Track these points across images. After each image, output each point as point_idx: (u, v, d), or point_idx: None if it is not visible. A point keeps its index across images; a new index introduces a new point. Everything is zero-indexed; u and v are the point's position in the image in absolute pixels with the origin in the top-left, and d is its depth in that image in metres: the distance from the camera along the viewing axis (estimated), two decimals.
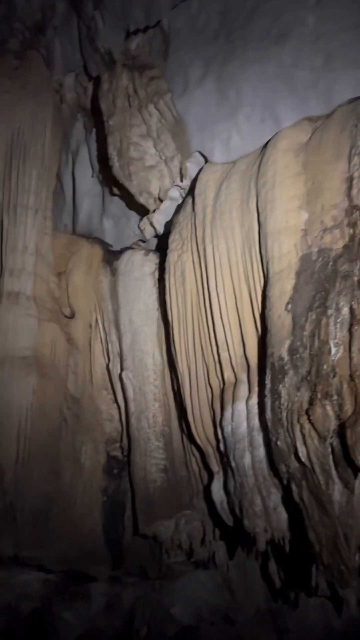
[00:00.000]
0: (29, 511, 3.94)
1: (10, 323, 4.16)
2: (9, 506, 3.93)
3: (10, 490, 3.93)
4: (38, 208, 4.48)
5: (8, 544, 3.90)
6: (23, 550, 3.91)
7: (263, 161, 3.45)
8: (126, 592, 4.50)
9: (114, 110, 4.23)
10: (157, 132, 4.12)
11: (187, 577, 4.31)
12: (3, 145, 4.41)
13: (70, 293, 4.63)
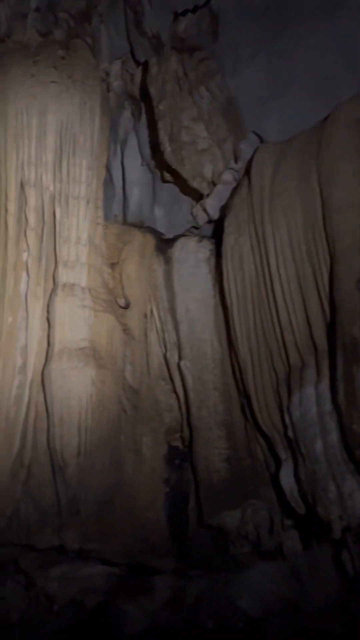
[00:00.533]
0: (93, 503, 3.89)
1: (67, 315, 4.11)
2: (73, 499, 3.89)
3: (73, 483, 3.89)
4: (89, 198, 4.42)
5: (73, 537, 3.86)
6: (88, 542, 3.87)
7: (324, 136, 3.34)
8: (191, 584, 4.40)
9: (163, 95, 4.15)
10: (208, 115, 4.04)
11: (253, 569, 4.19)
12: (52, 136, 4.35)
13: (124, 283, 4.57)
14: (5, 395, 4.05)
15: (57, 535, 3.92)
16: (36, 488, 4.01)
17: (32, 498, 4.02)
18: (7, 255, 4.21)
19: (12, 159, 4.25)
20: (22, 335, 4.17)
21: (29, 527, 3.98)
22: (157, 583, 4.38)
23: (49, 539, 3.93)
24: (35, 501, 4.00)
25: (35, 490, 4.01)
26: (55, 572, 4.29)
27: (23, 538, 3.99)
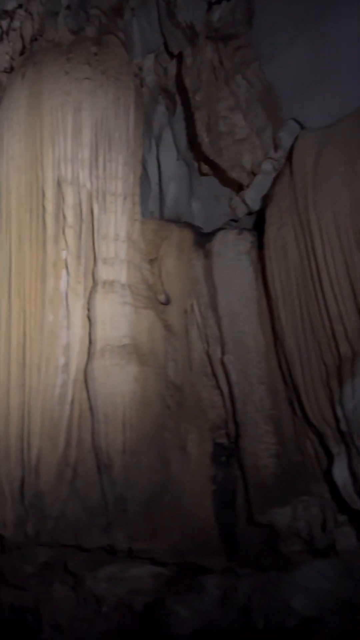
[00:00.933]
0: (140, 502, 3.83)
1: (107, 312, 4.06)
2: (119, 497, 3.84)
3: (119, 481, 3.84)
4: (127, 194, 4.37)
5: (121, 536, 3.81)
6: (136, 542, 3.81)
7: None
8: (241, 584, 4.32)
9: (199, 85, 4.09)
10: (246, 103, 3.96)
11: (306, 567, 4.09)
12: (88, 133, 4.31)
13: (163, 279, 4.51)
14: (48, 395, 4.02)
15: (105, 535, 3.86)
16: (82, 487, 3.96)
17: (79, 498, 3.97)
18: (46, 253, 4.18)
19: (49, 157, 4.22)
20: (64, 333, 4.13)
21: (76, 527, 3.93)
22: (207, 583, 4.31)
23: (97, 539, 3.88)
24: (82, 501, 3.96)
25: (82, 490, 3.96)
26: (103, 573, 4.25)
27: (71, 538, 3.95)
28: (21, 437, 4.01)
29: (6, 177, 4.36)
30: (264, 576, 4.19)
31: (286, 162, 3.82)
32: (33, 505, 3.90)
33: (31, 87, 4.39)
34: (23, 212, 4.26)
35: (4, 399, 4.08)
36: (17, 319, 4.17)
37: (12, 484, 3.96)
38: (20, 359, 4.11)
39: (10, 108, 4.44)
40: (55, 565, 4.27)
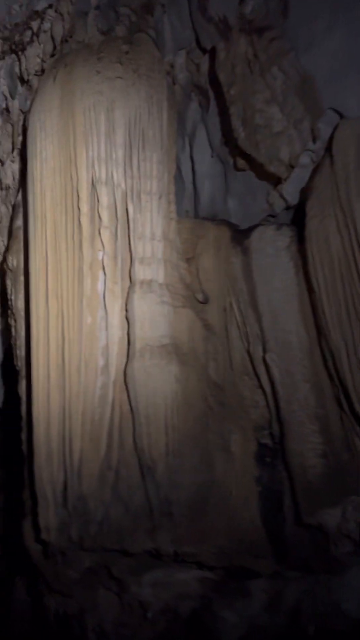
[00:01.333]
0: (185, 504, 3.75)
1: (146, 312, 4.01)
2: (164, 500, 3.76)
3: (163, 483, 3.76)
4: (162, 193, 4.31)
5: (166, 540, 3.74)
6: (182, 545, 3.73)
7: None
8: (289, 587, 4.20)
9: (234, 79, 4.02)
10: (282, 95, 3.88)
11: (357, 569, 3.98)
12: (121, 132, 4.25)
13: (201, 278, 4.44)
14: (89, 397, 3.97)
15: (150, 539, 3.78)
16: (125, 490, 3.90)
17: (122, 501, 3.91)
18: (82, 255, 4.14)
19: (82, 158, 4.18)
20: (103, 335, 4.08)
21: (120, 531, 3.87)
22: (254, 586, 4.21)
23: (142, 543, 3.81)
24: (125, 504, 3.89)
25: (125, 493, 3.90)
26: (148, 578, 4.17)
27: (115, 543, 3.89)
28: (62, 441, 3.96)
29: (40, 179, 4.32)
30: (314, 579, 4.07)
31: (325, 153, 3.73)
32: (76, 509, 3.84)
33: (63, 89, 4.35)
34: (58, 214, 4.22)
35: (44, 401, 4.04)
36: (55, 321, 4.13)
37: (54, 488, 3.91)
38: (60, 361, 4.06)
39: (43, 110, 4.41)
40: (99, 571, 4.20)
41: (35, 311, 4.21)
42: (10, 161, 5.89)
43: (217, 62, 4.09)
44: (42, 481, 3.93)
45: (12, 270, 5.13)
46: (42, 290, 4.20)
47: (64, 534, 3.88)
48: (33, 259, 4.30)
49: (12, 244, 5.19)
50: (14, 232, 5.21)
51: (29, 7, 4.35)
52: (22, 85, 5.04)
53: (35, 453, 4.01)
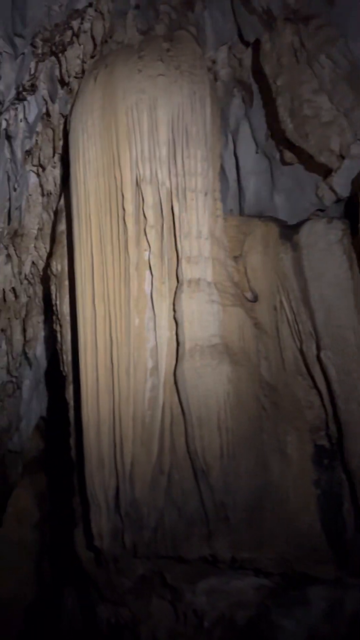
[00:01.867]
0: (241, 509, 3.63)
1: (195, 311, 3.90)
2: (220, 504, 3.64)
3: (218, 487, 3.64)
4: (207, 190, 4.21)
5: (224, 546, 3.61)
6: (240, 551, 3.60)
7: None
8: (350, 594, 4.05)
9: (280, 70, 3.91)
10: (331, 84, 3.76)
11: None
12: (164, 130, 4.18)
13: (249, 276, 4.32)
14: (139, 400, 3.88)
15: (207, 545, 3.66)
16: (179, 495, 3.79)
17: (176, 506, 3.80)
18: (128, 256, 4.06)
19: (126, 158, 4.11)
20: (151, 336, 3.99)
21: (174, 537, 3.76)
22: (314, 594, 4.06)
23: (198, 549, 3.69)
24: (179, 509, 3.79)
25: (178, 498, 3.79)
26: (203, 586, 4.05)
27: (169, 549, 3.77)
28: (113, 445, 3.87)
29: (83, 181, 4.27)
30: None
31: None
32: (129, 515, 3.74)
33: (104, 89, 4.29)
34: (103, 216, 4.15)
35: (93, 405, 3.97)
36: (102, 324, 4.06)
37: (106, 493, 3.82)
38: (108, 364, 3.99)
39: (84, 112, 4.36)
40: (153, 579, 4.10)
41: (82, 314, 4.14)
42: (52, 167, 5.87)
43: (262, 54, 3.99)
44: (94, 486, 3.84)
45: (57, 275, 5.09)
46: (88, 293, 4.13)
47: (117, 540, 3.78)
48: (78, 262, 4.24)
49: (56, 249, 5.16)
50: (57, 237, 5.18)
51: (69, 7, 4.30)
52: (63, 88, 4.99)
53: (85, 458, 3.93)
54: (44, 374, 7.51)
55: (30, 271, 6.53)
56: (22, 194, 5.89)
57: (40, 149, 5.62)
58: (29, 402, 7.64)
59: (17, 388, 7.45)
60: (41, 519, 7.55)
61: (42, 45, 4.44)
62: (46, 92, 5.18)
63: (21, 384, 7.41)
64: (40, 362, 7.26)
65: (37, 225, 6.26)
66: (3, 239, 5.99)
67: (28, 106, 5.07)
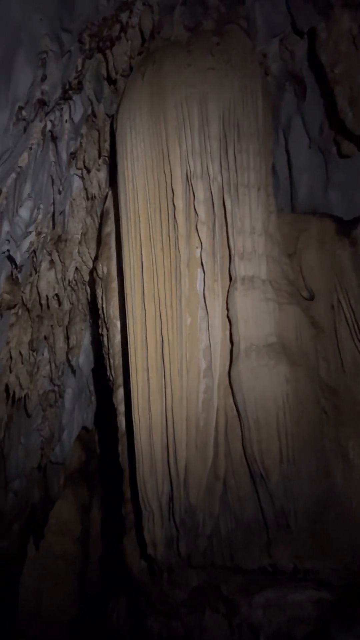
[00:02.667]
0: (303, 516, 3.43)
1: (250, 309, 3.74)
2: (280, 511, 3.45)
3: (278, 493, 3.45)
4: (260, 185, 4.07)
5: (285, 555, 3.42)
6: (302, 561, 3.40)
7: None
8: None
9: (337, 58, 3.77)
10: None
11: None
12: (215, 124, 4.05)
13: (305, 274, 4.16)
14: (193, 402, 3.72)
15: (267, 554, 3.47)
16: (236, 502, 3.62)
17: (233, 513, 3.63)
18: (179, 253, 3.93)
19: (176, 153, 3.99)
20: (204, 335, 3.84)
21: (232, 546, 3.59)
22: None
23: (257, 559, 3.51)
24: (236, 517, 3.62)
25: (235, 505, 3.62)
26: (260, 599, 3.84)
27: (227, 559, 3.59)
28: (166, 449, 3.71)
29: (132, 179, 4.16)
30: None
31: None
32: (184, 522, 3.58)
33: (152, 85, 4.19)
34: (152, 213, 4.03)
35: (144, 408, 3.81)
36: (152, 324, 3.91)
37: (160, 499, 3.66)
38: (159, 365, 3.84)
39: (132, 109, 4.26)
40: (208, 590, 3.90)
41: (132, 314, 4.01)
42: (96, 170, 5.79)
43: (318, 43, 3.84)
44: (146, 492, 3.68)
45: (103, 278, 4.98)
46: (137, 292, 3.99)
47: (171, 549, 3.60)
48: (127, 260, 4.11)
49: (102, 251, 5.05)
50: (103, 239, 5.07)
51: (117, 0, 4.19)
52: (109, 87, 4.90)
53: (137, 463, 3.77)
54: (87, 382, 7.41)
55: (74, 277, 6.43)
56: (66, 198, 5.80)
57: (85, 151, 5.54)
58: (72, 412, 7.54)
59: (60, 397, 7.34)
60: (83, 532, 7.41)
61: (90, 41, 4.34)
62: (92, 91, 5.09)
63: (64, 393, 7.30)
64: (84, 370, 7.15)
65: (81, 230, 6.17)
66: (47, 244, 5.90)
67: (74, 106, 4.98)
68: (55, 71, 4.65)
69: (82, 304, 6.77)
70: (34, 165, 5.11)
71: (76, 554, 7.27)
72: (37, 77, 4.44)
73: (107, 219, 5.11)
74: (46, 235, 5.72)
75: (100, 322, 5.15)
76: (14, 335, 6.40)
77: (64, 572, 7.04)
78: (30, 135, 4.92)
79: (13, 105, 4.46)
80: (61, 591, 6.94)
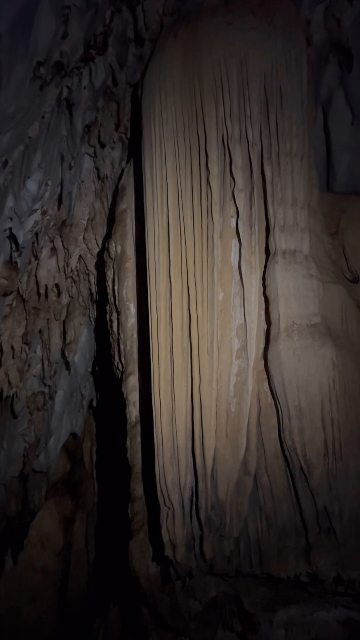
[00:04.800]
0: (350, 518, 2.98)
1: (291, 285, 3.34)
2: (323, 512, 2.99)
3: (322, 491, 3.01)
4: (303, 155, 3.68)
5: (327, 562, 2.96)
6: (348, 570, 2.93)
7: None
8: None
9: None
10: None
11: None
12: (256, 87, 3.68)
13: (348, 255, 3.78)
14: (223, 385, 3.29)
15: (305, 561, 3.00)
16: (269, 501, 3.18)
17: (264, 514, 3.16)
18: (213, 222, 3.53)
19: (211, 115, 3.62)
20: (237, 312, 3.43)
21: (262, 551, 3.11)
22: None
23: (294, 566, 3.04)
24: (268, 518, 3.14)
25: (268, 504, 3.18)
26: (282, 616, 3.40)
27: (255, 565, 3.12)
28: (191, 436, 3.24)
29: (160, 143, 3.80)
30: None
31: None
32: (210, 521, 3.10)
33: (186, 44, 3.84)
34: (182, 179, 3.65)
35: (167, 391, 3.38)
36: (178, 298, 3.50)
37: (182, 493, 3.20)
38: (185, 344, 3.41)
39: (162, 69, 3.91)
40: (225, 603, 3.41)
41: (155, 289, 3.59)
42: (110, 148, 5.37)
43: None
44: (166, 485, 3.21)
45: (116, 257, 4.59)
46: (162, 265, 3.58)
47: (193, 551, 3.11)
48: (151, 231, 3.71)
49: (116, 229, 4.65)
50: (118, 216, 4.67)
51: None
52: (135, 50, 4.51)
53: (156, 453, 3.30)
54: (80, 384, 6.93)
55: (77, 266, 5.99)
56: (75, 178, 5.38)
57: (101, 125, 5.13)
58: (61, 416, 7.00)
59: (50, 399, 6.82)
60: (65, 546, 6.88)
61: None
62: (114, 58, 4.69)
63: (54, 394, 6.77)
64: (79, 369, 6.67)
65: (88, 216, 5.73)
66: (49, 229, 5.47)
67: (95, 70, 4.57)
68: (77, 30, 4.31)
69: (83, 297, 6.32)
70: (45, 135, 4.70)
71: (57, 569, 6.72)
72: (58, 33, 4.07)
73: (123, 195, 4.72)
74: (50, 218, 5.29)
75: (109, 308, 4.74)
76: (6, 327, 5.92)
77: (43, 587, 6.49)
78: (44, 101, 4.52)
79: (32, 59, 4.10)
80: (40, 607, 6.40)
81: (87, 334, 6.67)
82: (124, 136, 5.29)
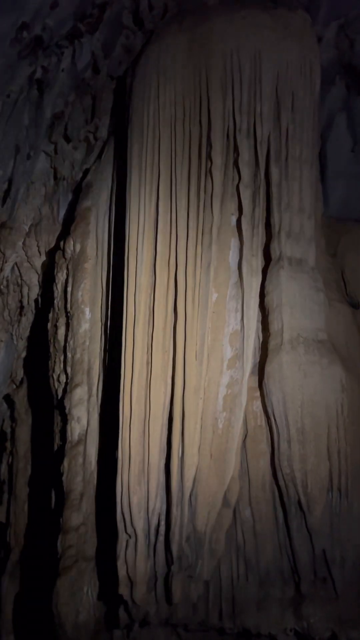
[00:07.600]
0: (352, 567, 2.48)
1: (297, 295, 2.98)
2: (321, 556, 2.47)
3: (322, 532, 2.53)
4: (312, 164, 3.38)
5: (322, 617, 2.44)
6: (347, 628, 2.41)
7: None
8: None
9: None
10: None
11: None
12: (269, 84, 3.37)
13: (347, 278, 3.45)
14: (211, 396, 2.81)
15: (292, 614, 2.46)
16: (249, 539, 2.68)
17: (242, 555, 2.61)
18: (211, 215, 3.12)
19: (218, 105, 3.28)
20: (232, 317, 3.00)
21: (237, 601, 2.57)
22: None
23: (277, 620, 2.49)
24: (247, 560, 2.59)
25: (248, 543, 2.67)
26: None
27: (226, 618, 2.54)
28: (166, 452, 2.69)
29: (153, 128, 3.42)
30: None
31: None
32: (183, 556, 2.50)
33: (193, 33, 3.52)
34: (178, 167, 3.27)
35: (140, 396, 2.83)
36: (163, 293, 3.05)
37: (149, 519, 2.63)
38: (168, 344, 2.91)
39: (162, 53, 3.58)
40: None
41: (134, 281, 3.08)
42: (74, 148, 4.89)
43: None
44: (130, 509, 2.63)
45: (72, 257, 4.11)
46: (147, 255, 3.14)
47: (154, 591, 2.50)
48: (134, 220, 3.26)
49: (77, 226, 4.18)
50: (81, 213, 4.21)
51: None
52: (127, 38, 4.12)
53: (120, 468, 2.72)
54: None
55: (8, 276, 5.35)
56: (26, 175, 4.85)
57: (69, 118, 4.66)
58: None
59: None
60: None
61: None
62: (100, 45, 4.28)
63: None
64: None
65: (32, 221, 5.15)
66: None
67: (80, 51, 4.13)
68: (67, 4, 3.87)
69: (10, 310, 5.62)
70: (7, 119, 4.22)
71: None
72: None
73: (88, 192, 4.27)
74: None
75: (54, 315, 4.19)
76: None
77: None
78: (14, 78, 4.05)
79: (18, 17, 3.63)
80: None
81: (4, 354, 5.94)
82: (92, 136, 4.83)
